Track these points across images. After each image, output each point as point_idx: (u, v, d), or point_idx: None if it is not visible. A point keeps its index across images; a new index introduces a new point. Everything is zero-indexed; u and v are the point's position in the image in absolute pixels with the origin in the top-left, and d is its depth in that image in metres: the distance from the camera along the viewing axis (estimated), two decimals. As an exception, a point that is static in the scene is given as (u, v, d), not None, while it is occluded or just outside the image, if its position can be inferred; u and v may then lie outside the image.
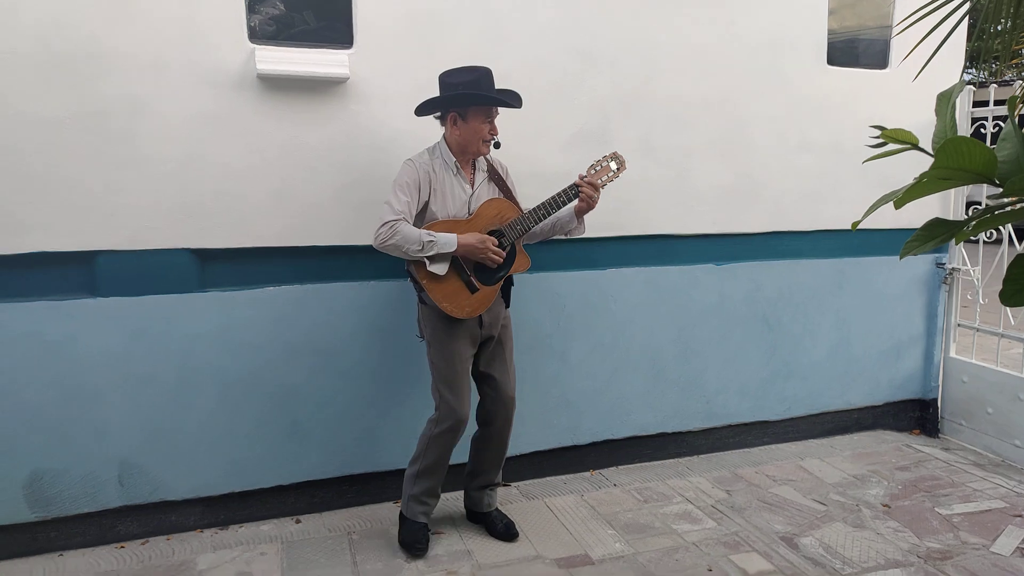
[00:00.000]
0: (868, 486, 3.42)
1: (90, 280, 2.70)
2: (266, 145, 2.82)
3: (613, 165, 2.80)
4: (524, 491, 3.32)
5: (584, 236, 2.97)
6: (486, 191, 2.79)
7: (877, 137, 1.46)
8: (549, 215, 2.73)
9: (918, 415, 4.16)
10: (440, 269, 2.64)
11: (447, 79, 2.64)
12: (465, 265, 2.68)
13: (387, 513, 3.11)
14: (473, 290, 2.69)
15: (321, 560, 2.75)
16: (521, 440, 3.34)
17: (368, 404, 3.10)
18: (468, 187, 2.75)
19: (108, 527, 2.84)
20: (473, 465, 2.97)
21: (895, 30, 3.69)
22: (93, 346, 2.72)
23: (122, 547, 2.83)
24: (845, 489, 3.38)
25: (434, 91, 2.68)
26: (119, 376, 2.76)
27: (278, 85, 2.79)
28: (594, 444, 3.52)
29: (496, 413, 2.87)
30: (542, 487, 3.37)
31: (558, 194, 2.72)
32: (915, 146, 1.46)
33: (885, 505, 3.23)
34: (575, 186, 2.73)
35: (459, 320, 2.69)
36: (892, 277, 4.00)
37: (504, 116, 2.71)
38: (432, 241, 2.58)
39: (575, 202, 2.76)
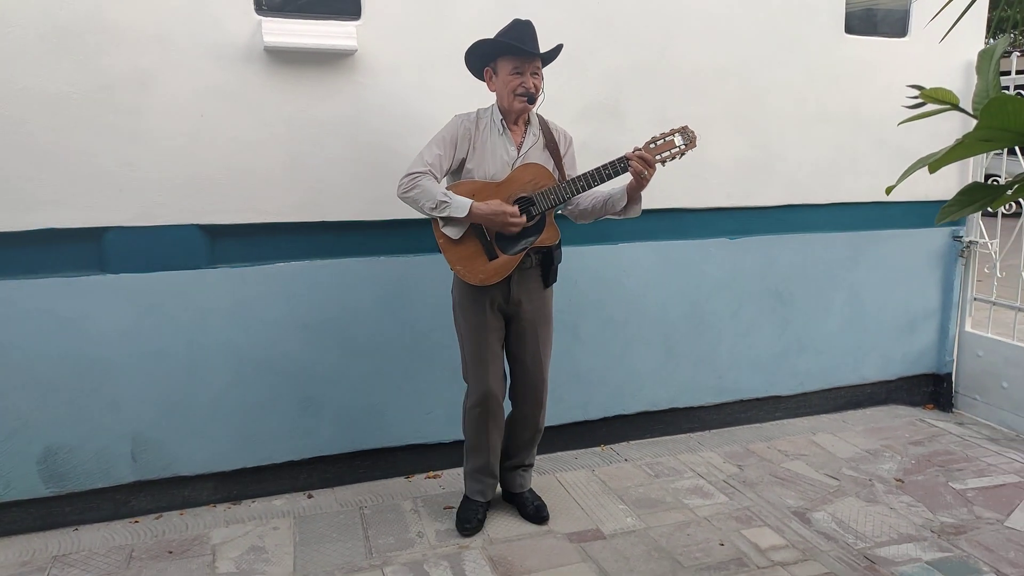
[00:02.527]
0: (881, 461, 3.40)
1: (99, 256, 2.69)
2: (274, 119, 2.78)
3: (679, 140, 2.49)
4: (535, 466, 3.31)
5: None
6: (537, 157, 2.61)
7: (915, 97, 1.39)
8: (589, 188, 2.52)
9: (932, 390, 4.13)
10: (454, 232, 2.53)
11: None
12: (487, 230, 2.56)
13: (398, 488, 3.12)
14: (492, 257, 2.56)
15: (333, 535, 2.76)
16: (532, 415, 3.34)
17: (379, 380, 3.09)
18: (514, 149, 2.59)
19: (122, 502, 2.86)
20: (506, 444, 2.91)
21: (915, -2, 3.60)
22: (105, 322, 2.71)
23: (136, 522, 2.85)
24: (858, 464, 3.37)
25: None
26: (131, 352, 2.76)
27: (285, 58, 2.74)
28: (605, 419, 3.51)
29: (524, 396, 2.82)
30: (553, 462, 3.36)
31: (603, 166, 2.50)
32: (955, 106, 1.38)
33: (898, 480, 3.21)
34: (624, 159, 2.48)
35: (484, 288, 2.60)
36: (907, 250, 3.94)
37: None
38: (446, 202, 2.46)
39: (627, 178, 2.53)
